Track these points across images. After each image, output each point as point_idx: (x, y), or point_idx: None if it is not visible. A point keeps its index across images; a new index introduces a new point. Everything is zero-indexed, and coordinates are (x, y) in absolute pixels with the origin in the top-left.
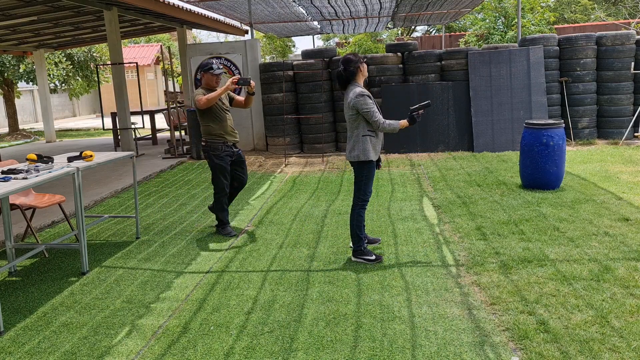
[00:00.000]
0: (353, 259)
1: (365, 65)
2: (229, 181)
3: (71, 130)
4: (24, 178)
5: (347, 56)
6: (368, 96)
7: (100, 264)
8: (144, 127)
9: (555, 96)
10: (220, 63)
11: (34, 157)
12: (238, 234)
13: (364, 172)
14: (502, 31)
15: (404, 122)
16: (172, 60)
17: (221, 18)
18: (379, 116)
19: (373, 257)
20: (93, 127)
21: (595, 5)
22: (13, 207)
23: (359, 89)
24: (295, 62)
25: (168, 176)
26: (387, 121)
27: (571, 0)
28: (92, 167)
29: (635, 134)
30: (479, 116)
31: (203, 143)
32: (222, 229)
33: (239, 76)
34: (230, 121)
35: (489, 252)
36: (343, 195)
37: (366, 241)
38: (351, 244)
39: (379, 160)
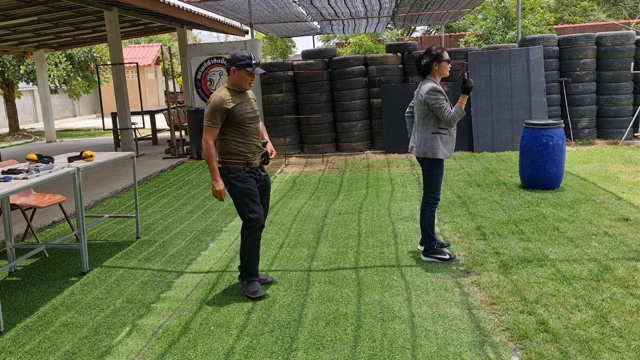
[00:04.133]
0: (424, 258)
1: (444, 65)
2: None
3: (71, 130)
4: (24, 178)
5: (430, 48)
6: (440, 92)
7: (100, 264)
8: (144, 127)
9: (555, 96)
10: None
11: (35, 157)
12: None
13: (434, 170)
14: (503, 31)
15: (462, 100)
16: (173, 60)
17: (221, 18)
18: (448, 111)
19: (447, 257)
20: (93, 127)
21: (596, 6)
22: (13, 207)
23: (431, 84)
24: (295, 63)
25: (168, 176)
26: (452, 111)
27: (571, 2)
28: (93, 167)
29: (635, 134)
30: (479, 116)
31: (220, 165)
32: (248, 283)
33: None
34: (259, 134)
35: (488, 252)
36: (343, 195)
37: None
38: (419, 246)
39: (468, 84)
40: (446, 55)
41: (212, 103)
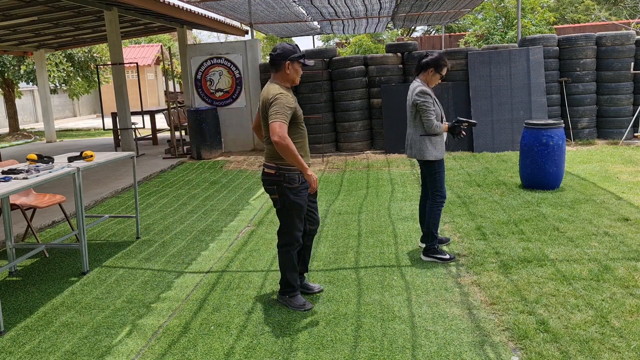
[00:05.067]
0: (424, 258)
1: (436, 76)
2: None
3: (71, 130)
4: (24, 178)
5: (439, 54)
6: (429, 94)
7: (100, 264)
8: (144, 127)
9: (555, 96)
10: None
11: (35, 157)
12: (313, 293)
13: (433, 169)
14: (502, 31)
15: (445, 126)
16: (173, 60)
17: (221, 18)
18: (432, 117)
19: (447, 257)
20: (93, 127)
21: (596, 6)
22: (13, 207)
23: (421, 87)
24: None
25: (168, 176)
26: (437, 123)
27: (571, 1)
28: (93, 167)
29: (635, 134)
30: (479, 116)
31: (272, 171)
32: (292, 297)
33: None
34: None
35: (489, 252)
36: (343, 195)
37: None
38: (420, 243)
39: (458, 130)
40: (444, 72)
41: (281, 99)
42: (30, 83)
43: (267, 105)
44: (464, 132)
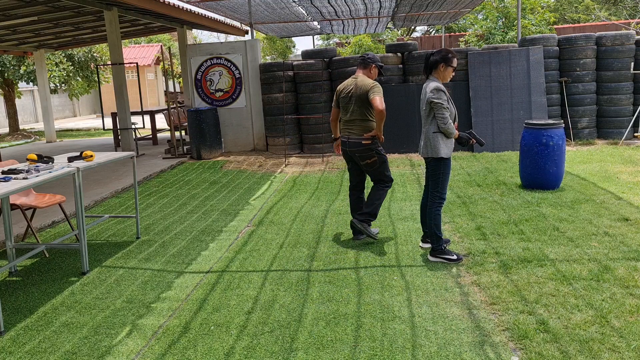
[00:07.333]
0: (431, 258)
1: (449, 70)
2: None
3: (71, 130)
4: (24, 178)
5: (444, 49)
6: (443, 92)
7: (100, 264)
8: (144, 127)
9: (555, 96)
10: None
11: (35, 157)
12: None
13: (440, 169)
14: (503, 31)
15: (457, 133)
16: (173, 60)
17: (221, 18)
18: (446, 114)
19: (454, 257)
20: (93, 127)
21: (596, 6)
22: (13, 207)
23: (435, 83)
24: (295, 62)
25: (168, 176)
26: (450, 121)
27: (570, 1)
28: (93, 167)
29: (635, 134)
30: (479, 116)
31: (368, 141)
32: (370, 225)
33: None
34: None
35: (488, 252)
36: (343, 195)
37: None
38: (421, 244)
39: (474, 138)
40: (455, 63)
41: (379, 86)
42: (30, 83)
43: (367, 90)
44: (473, 141)
